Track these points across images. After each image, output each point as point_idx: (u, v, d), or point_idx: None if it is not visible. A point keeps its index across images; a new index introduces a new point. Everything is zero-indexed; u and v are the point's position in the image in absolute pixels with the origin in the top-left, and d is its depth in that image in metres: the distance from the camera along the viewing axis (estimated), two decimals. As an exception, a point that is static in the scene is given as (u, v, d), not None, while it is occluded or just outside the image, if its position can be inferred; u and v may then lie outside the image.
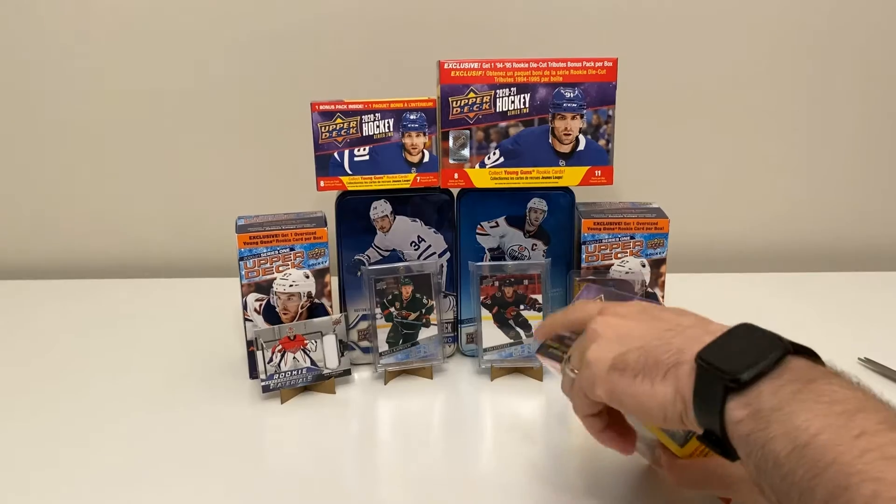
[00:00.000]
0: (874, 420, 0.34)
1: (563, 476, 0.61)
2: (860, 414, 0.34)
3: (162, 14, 0.98)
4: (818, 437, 0.34)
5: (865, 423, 0.34)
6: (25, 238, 1.09)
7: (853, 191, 1.06)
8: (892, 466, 0.31)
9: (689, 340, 0.43)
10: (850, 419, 0.34)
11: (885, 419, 0.34)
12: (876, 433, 0.33)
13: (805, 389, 0.37)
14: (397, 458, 0.65)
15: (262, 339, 0.71)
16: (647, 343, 0.45)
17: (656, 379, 0.43)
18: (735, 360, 0.39)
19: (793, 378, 0.38)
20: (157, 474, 0.62)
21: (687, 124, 1.02)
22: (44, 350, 0.84)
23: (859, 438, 0.33)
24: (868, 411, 0.34)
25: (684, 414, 0.42)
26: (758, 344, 0.40)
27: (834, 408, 0.35)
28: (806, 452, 0.34)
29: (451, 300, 0.79)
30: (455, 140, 0.73)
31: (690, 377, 0.41)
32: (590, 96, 0.72)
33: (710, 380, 0.40)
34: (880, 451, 0.32)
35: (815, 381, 0.37)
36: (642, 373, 0.44)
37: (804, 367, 0.39)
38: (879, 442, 0.32)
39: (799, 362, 0.39)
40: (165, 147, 1.04)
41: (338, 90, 0.82)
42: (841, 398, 0.36)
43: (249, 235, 0.72)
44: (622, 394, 0.45)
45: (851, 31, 0.98)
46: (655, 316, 0.49)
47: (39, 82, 1.01)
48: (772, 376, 0.38)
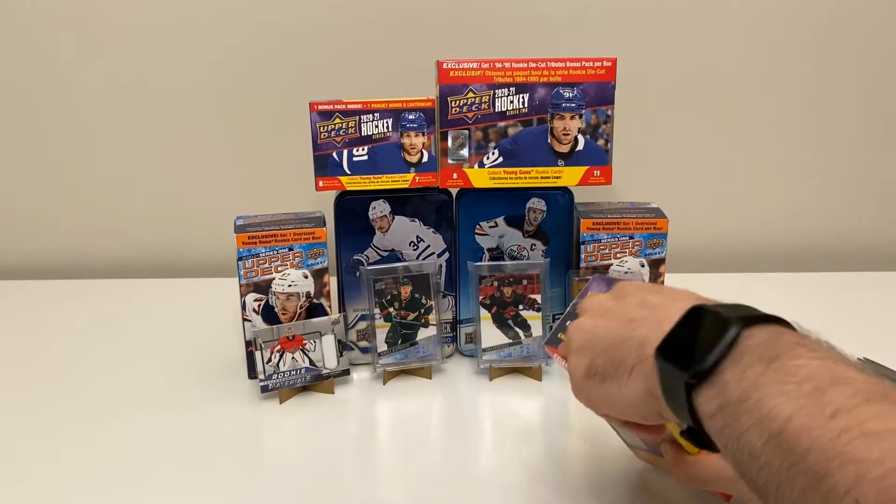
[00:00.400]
0: (848, 393, 0.31)
1: (562, 476, 0.61)
2: (832, 389, 0.32)
3: (161, 14, 0.98)
4: (791, 422, 0.32)
5: (838, 398, 0.31)
6: (25, 238, 1.09)
7: (853, 191, 1.06)
8: (873, 444, 0.29)
9: (651, 330, 0.42)
10: (821, 397, 0.32)
11: (858, 391, 0.32)
12: (851, 409, 0.31)
13: (770, 370, 0.34)
14: (396, 459, 0.65)
15: (261, 340, 0.71)
16: (611, 342, 0.44)
17: (623, 379, 0.43)
18: (690, 351, 0.38)
19: (755, 358, 0.36)
20: (157, 474, 0.62)
21: (686, 124, 1.02)
22: (43, 350, 0.84)
23: (834, 418, 0.30)
24: (840, 384, 0.32)
25: (661, 410, 0.41)
26: (711, 328, 0.38)
27: (803, 387, 0.33)
28: (781, 441, 0.32)
29: (449, 300, 0.79)
30: (454, 140, 0.73)
31: (655, 375, 0.40)
32: (588, 96, 0.72)
33: (673, 378, 0.38)
34: (858, 428, 0.30)
35: (778, 357, 0.35)
36: (610, 375, 0.44)
37: (765, 340, 0.36)
38: (857, 418, 0.30)
39: (758, 336, 0.37)
40: (164, 147, 1.04)
41: (336, 90, 0.82)
42: (808, 374, 0.33)
43: (248, 235, 0.72)
44: (598, 400, 0.45)
45: (851, 31, 0.98)
46: (626, 304, 0.47)
47: (39, 82, 1.01)
48: (732, 359, 0.36)
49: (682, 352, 0.38)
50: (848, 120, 1.03)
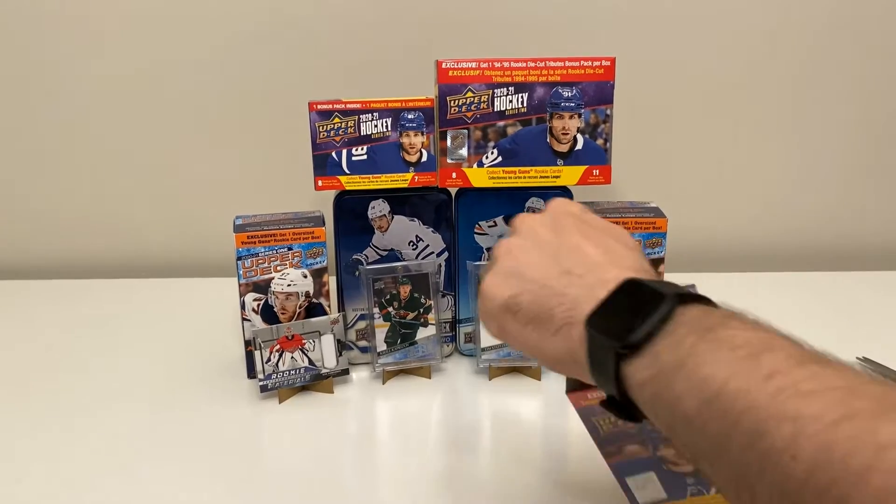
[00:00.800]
0: (782, 357, 0.32)
1: (562, 475, 0.61)
2: (766, 354, 0.32)
3: (160, 14, 0.98)
4: (727, 385, 0.32)
5: (773, 362, 0.31)
6: (25, 238, 1.09)
7: (853, 190, 1.06)
8: (809, 401, 0.29)
9: (584, 293, 0.41)
10: (756, 361, 0.32)
11: (792, 354, 0.32)
12: (787, 371, 0.31)
13: (704, 339, 0.34)
14: (395, 458, 0.65)
15: (260, 339, 0.71)
16: (543, 286, 0.43)
17: (546, 332, 0.42)
18: (623, 322, 0.37)
19: (689, 330, 0.36)
20: (156, 474, 0.62)
21: (685, 123, 1.02)
22: (41, 349, 0.84)
23: (770, 379, 0.30)
24: (774, 350, 0.32)
25: (581, 373, 0.40)
26: (645, 300, 0.38)
27: (738, 352, 0.33)
28: (716, 404, 0.32)
29: (449, 300, 0.79)
30: (453, 139, 0.73)
31: (583, 343, 0.39)
32: (588, 95, 0.72)
33: (602, 347, 0.38)
34: (794, 388, 0.30)
35: (713, 328, 0.35)
36: (534, 322, 0.42)
37: (698, 315, 0.37)
38: (792, 379, 0.30)
39: (692, 312, 0.37)
40: (163, 147, 1.04)
41: (336, 89, 0.82)
42: (743, 341, 0.33)
43: (247, 235, 0.71)
44: (514, 338, 0.44)
45: (851, 30, 0.98)
46: (564, 244, 0.45)
47: (38, 82, 1.01)
48: (666, 332, 0.36)
49: (615, 323, 0.38)
50: (847, 119, 1.03)
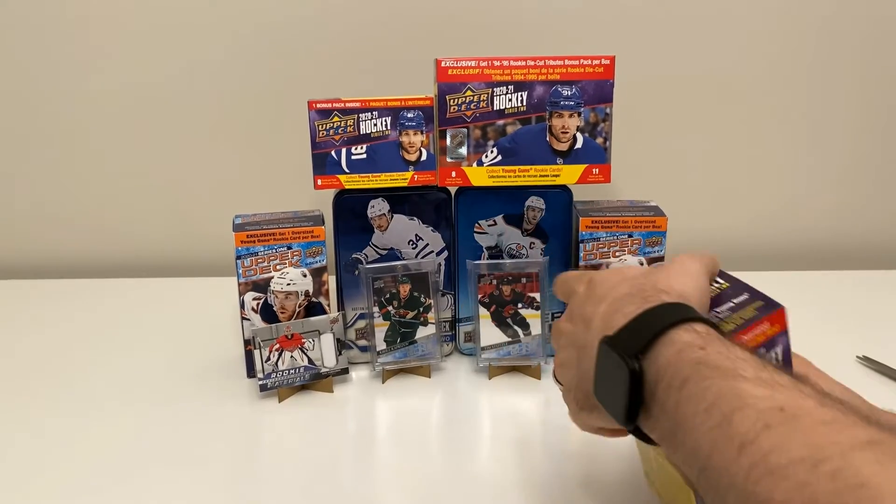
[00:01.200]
0: (751, 420, 0.33)
1: (561, 475, 0.61)
2: (737, 415, 0.33)
3: (159, 13, 0.97)
4: (710, 460, 0.34)
5: (743, 426, 0.33)
6: (25, 238, 1.09)
7: (852, 189, 1.06)
8: (778, 483, 0.30)
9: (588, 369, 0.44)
10: (728, 427, 0.33)
11: (760, 414, 0.33)
12: (755, 439, 0.32)
13: (682, 398, 0.36)
14: (395, 457, 0.65)
15: (260, 338, 0.71)
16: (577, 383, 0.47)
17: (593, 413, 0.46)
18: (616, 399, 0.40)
19: (666, 387, 0.37)
20: (155, 473, 0.62)
21: (685, 122, 1.02)
22: (42, 349, 0.84)
23: (742, 452, 0.32)
24: (745, 408, 0.33)
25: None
26: (615, 374, 0.40)
27: (713, 415, 0.34)
28: (707, 476, 0.34)
29: (448, 299, 0.79)
30: (452, 138, 0.73)
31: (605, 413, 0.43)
32: (587, 94, 0.72)
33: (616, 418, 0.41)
34: (763, 464, 0.31)
35: (686, 382, 0.37)
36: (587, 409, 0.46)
37: (669, 364, 0.38)
38: (760, 451, 0.32)
39: (661, 358, 0.38)
40: (163, 146, 1.04)
41: (335, 88, 0.82)
42: (714, 396, 0.35)
43: (247, 234, 0.71)
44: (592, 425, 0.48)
45: (850, 30, 0.98)
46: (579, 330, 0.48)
47: (37, 82, 1.01)
48: (648, 393, 0.38)
49: (610, 401, 0.42)
50: (847, 117, 1.03)
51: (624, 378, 0.39)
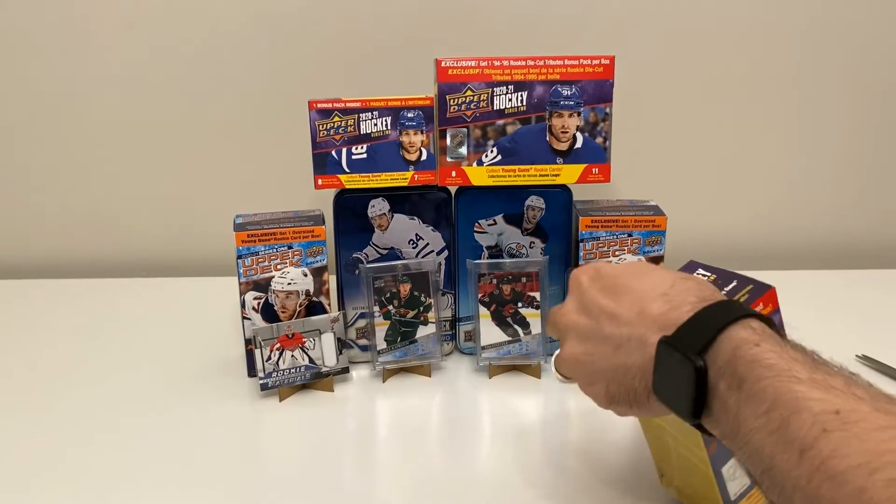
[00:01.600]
0: (808, 424, 0.34)
1: (561, 474, 0.62)
2: (794, 419, 0.34)
3: (160, 13, 0.98)
4: (773, 461, 0.35)
5: (801, 430, 0.34)
6: (25, 238, 1.09)
7: (852, 188, 1.06)
8: (838, 489, 0.32)
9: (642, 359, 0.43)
10: (787, 431, 0.34)
11: (816, 417, 0.34)
12: (813, 444, 0.33)
13: (742, 400, 0.37)
14: (395, 456, 0.65)
15: (261, 338, 0.71)
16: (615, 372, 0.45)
17: (644, 404, 0.45)
18: (675, 394, 0.41)
19: (726, 387, 0.38)
20: (156, 473, 0.62)
21: (685, 122, 1.02)
22: (42, 349, 0.84)
23: (803, 457, 0.33)
24: (801, 412, 0.34)
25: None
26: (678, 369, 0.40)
27: (772, 418, 0.35)
28: (772, 476, 0.35)
29: (449, 298, 0.79)
30: (452, 138, 0.73)
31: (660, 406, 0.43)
32: (587, 94, 0.72)
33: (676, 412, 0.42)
34: (823, 469, 0.32)
35: (743, 382, 0.37)
36: (633, 401, 0.45)
37: (727, 363, 0.38)
38: (820, 456, 0.33)
39: (721, 357, 0.39)
40: (163, 146, 1.04)
41: (335, 88, 0.82)
42: (771, 398, 0.36)
43: (247, 234, 0.72)
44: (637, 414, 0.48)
45: (848, 30, 0.98)
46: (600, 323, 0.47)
47: (38, 82, 1.01)
48: (711, 391, 0.39)
49: (672, 396, 0.41)
50: (847, 117, 1.03)
51: (689, 376, 0.39)
